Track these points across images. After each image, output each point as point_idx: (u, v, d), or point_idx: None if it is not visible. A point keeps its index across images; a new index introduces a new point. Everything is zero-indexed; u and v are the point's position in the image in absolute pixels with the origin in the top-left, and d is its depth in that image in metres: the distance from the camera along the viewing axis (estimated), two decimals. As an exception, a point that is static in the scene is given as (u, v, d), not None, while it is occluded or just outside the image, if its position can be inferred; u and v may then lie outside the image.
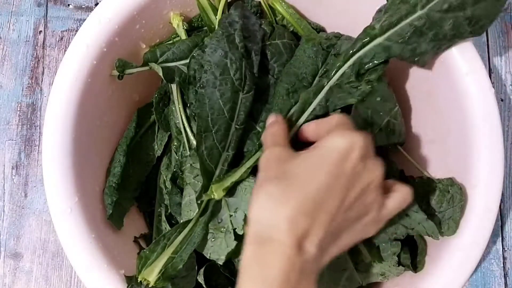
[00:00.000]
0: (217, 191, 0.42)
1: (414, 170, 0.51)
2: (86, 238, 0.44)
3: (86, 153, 0.46)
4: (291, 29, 0.53)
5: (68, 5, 0.65)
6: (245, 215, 0.43)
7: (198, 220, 0.44)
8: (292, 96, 0.45)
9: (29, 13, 0.64)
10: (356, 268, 0.47)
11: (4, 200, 0.60)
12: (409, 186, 0.39)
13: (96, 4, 0.61)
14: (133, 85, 0.52)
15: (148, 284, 0.43)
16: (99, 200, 0.48)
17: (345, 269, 0.46)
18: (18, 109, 0.62)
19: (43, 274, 0.58)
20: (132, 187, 0.52)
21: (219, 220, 0.44)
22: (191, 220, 0.44)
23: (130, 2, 0.47)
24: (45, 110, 0.50)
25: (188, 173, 0.47)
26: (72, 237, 0.43)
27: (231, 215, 0.44)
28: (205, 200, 0.44)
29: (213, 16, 0.49)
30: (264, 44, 0.48)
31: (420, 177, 0.49)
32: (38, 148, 0.61)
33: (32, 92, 0.62)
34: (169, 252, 0.43)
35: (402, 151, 0.51)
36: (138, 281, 0.43)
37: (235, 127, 0.44)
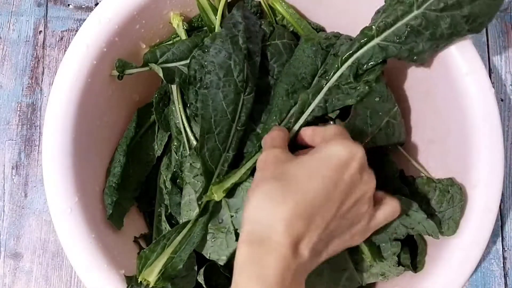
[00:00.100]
0: (217, 193, 0.42)
1: (414, 170, 0.51)
2: (86, 238, 0.44)
3: (86, 153, 0.46)
4: (291, 29, 0.53)
5: (68, 5, 0.65)
6: (245, 215, 0.43)
7: (197, 220, 0.44)
8: (292, 96, 0.45)
9: (29, 13, 0.64)
10: (356, 268, 0.47)
11: (4, 200, 0.60)
12: (397, 199, 0.40)
13: (96, 4, 0.61)
14: (133, 85, 0.52)
15: (148, 284, 0.43)
16: (99, 200, 0.48)
17: (345, 269, 0.46)
18: (18, 109, 0.62)
19: (43, 274, 0.58)
20: (132, 187, 0.52)
21: (220, 221, 0.44)
22: (191, 220, 0.44)
23: (130, 2, 0.47)
24: (45, 110, 0.50)
25: (188, 173, 0.47)
26: (72, 237, 0.43)
27: (232, 216, 0.44)
28: (205, 201, 0.44)
29: (213, 16, 0.49)
30: (264, 44, 0.48)
31: (420, 177, 0.49)
32: (38, 148, 0.61)
33: (32, 92, 0.62)
34: (169, 252, 0.43)
35: (402, 151, 0.51)
36: (138, 281, 0.43)
37: (236, 129, 0.44)
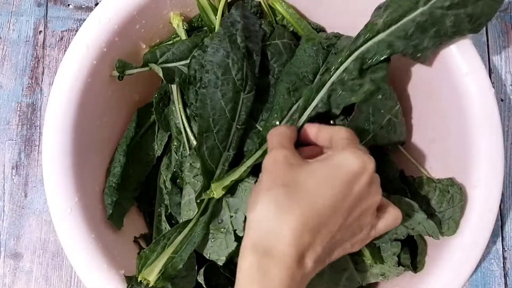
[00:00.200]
0: (216, 190, 0.42)
1: (414, 170, 0.51)
2: (86, 238, 0.44)
3: (86, 153, 0.46)
4: (291, 29, 0.53)
5: (68, 5, 0.65)
6: (245, 216, 0.43)
7: (198, 220, 0.44)
8: (293, 94, 0.45)
9: (29, 13, 0.64)
10: (356, 268, 0.47)
11: (4, 200, 0.60)
12: (399, 208, 0.40)
13: (96, 4, 0.61)
14: (133, 85, 0.52)
15: (148, 284, 0.43)
16: (99, 200, 0.48)
17: (345, 269, 0.46)
18: (18, 109, 0.62)
19: (43, 274, 0.58)
20: (132, 187, 0.52)
21: (220, 221, 0.44)
22: (191, 220, 0.44)
23: (130, 2, 0.47)
24: (45, 110, 0.50)
25: (188, 173, 0.46)
26: (72, 237, 0.43)
27: (231, 216, 0.44)
28: (205, 199, 0.44)
29: (213, 16, 0.49)
30: (264, 44, 0.48)
31: (420, 177, 0.49)
32: (38, 148, 0.61)
33: (32, 92, 0.62)
34: (169, 252, 0.43)
35: (403, 151, 0.51)
36: (138, 281, 0.43)
37: (236, 127, 0.44)
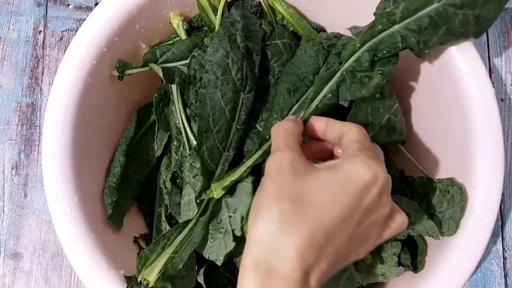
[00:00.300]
0: (216, 190, 0.42)
1: (414, 170, 0.51)
2: (86, 238, 0.44)
3: (86, 153, 0.46)
4: (291, 29, 0.53)
5: (68, 5, 0.65)
6: (242, 217, 0.43)
7: (198, 220, 0.44)
8: (294, 95, 0.45)
9: (29, 13, 0.64)
10: (356, 268, 0.47)
11: (4, 200, 0.60)
12: (406, 214, 0.38)
13: (96, 4, 0.61)
14: (133, 85, 0.52)
15: (148, 284, 0.43)
16: (99, 200, 0.48)
17: (345, 269, 0.46)
18: (18, 109, 0.62)
19: (43, 274, 0.58)
20: (132, 187, 0.52)
21: (219, 221, 0.44)
22: (191, 220, 0.44)
23: (130, 2, 0.47)
24: (45, 110, 0.50)
25: (188, 172, 0.46)
26: (72, 237, 0.43)
27: (230, 216, 0.44)
28: (205, 199, 0.44)
29: (213, 16, 0.49)
30: (264, 44, 0.48)
31: (420, 177, 0.49)
32: (38, 148, 0.61)
33: (32, 92, 0.62)
34: (169, 252, 0.43)
35: (403, 150, 0.51)
36: (138, 281, 0.43)
37: (236, 127, 0.44)
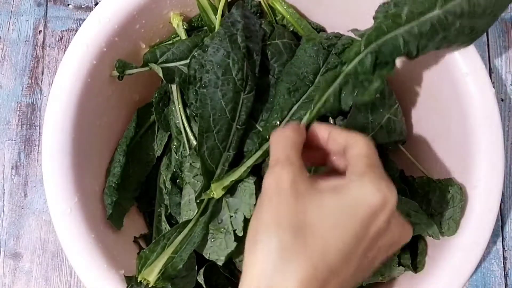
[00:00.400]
0: (216, 190, 0.42)
1: (414, 170, 0.51)
2: (86, 238, 0.44)
3: (86, 153, 0.46)
4: (291, 29, 0.53)
5: (68, 5, 0.65)
6: (244, 217, 0.43)
7: (198, 220, 0.44)
8: (294, 95, 0.45)
9: (29, 13, 0.64)
10: (356, 268, 0.47)
11: (4, 200, 0.60)
12: (409, 225, 0.36)
13: (96, 4, 0.61)
14: (133, 85, 0.52)
15: (148, 284, 0.43)
16: (99, 200, 0.48)
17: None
18: (18, 109, 0.62)
19: (43, 274, 0.58)
20: (132, 187, 0.52)
21: (219, 221, 0.44)
22: (191, 220, 0.44)
23: (130, 2, 0.47)
24: (44, 110, 0.50)
25: (188, 172, 0.46)
26: (72, 237, 0.43)
27: (231, 216, 0.44)
28: (205, 199, 0.44)
29: (213, 16, 0.49)
30: (264, 44, 0.48)
31: (420, 177, 0.49)
32: (38, 148, 0.61)
33: (32, 92, 0.62)
34: (169, 252, 0.43)
35: (403, 150, 0.51)
36: (138, 281, 0.43)
37: (237, 128, 0.44)
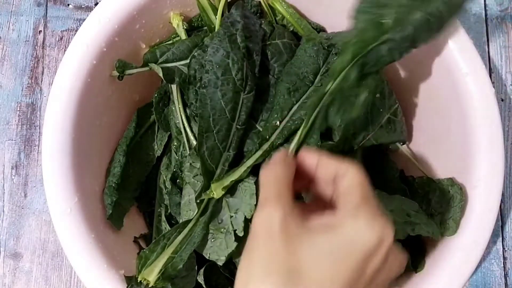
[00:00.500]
0: (216, 190, 0.42)
1: (414, 170, 0.51)
2: (86, 238, 0.44)
3: (86, 153, 0.46)
4: (291, 29, 0.53)
5: (68, 5, 0.65)
6: (245, 217, 0.43)
7: (198, 220, 0.44)
8: (294, 95, 0.45)
9: (28, 13, 0.64)
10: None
11: (3, 200, 0.60)
12: (404, 254, 0.34)
13: (96, 4, 0.61)
14: (133, 85, 0.52)
15: (148, 284, 0.43)
16: (99, 200, 0.48)
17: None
18: (18, 109, 0.62)
19: (43, 274, 0.58)
20: (132, 187, 0.52)
21: (220, 221, 0.44)
22: (191, 220, 0.44)
23: (130, 2, 0.47)
24: (44, 110, 0.50)
25: (188, 172, 0.46)
26: (72, 237, 0.43)
27: (231, 216, 0.44)
28: (205, 199, 0.44)
29: (213, 16, 0.49)
30: (264, 44, 0.48)
31: (420, 177, 0.49)
32: (38, 148, 0.61)
33: (32, 92, 0.62)
34: (169, 252, 0.43)
35: (403, 150, 0.51)
36: (138, 281, 0.43)
37: (236, 128, 0.44)
